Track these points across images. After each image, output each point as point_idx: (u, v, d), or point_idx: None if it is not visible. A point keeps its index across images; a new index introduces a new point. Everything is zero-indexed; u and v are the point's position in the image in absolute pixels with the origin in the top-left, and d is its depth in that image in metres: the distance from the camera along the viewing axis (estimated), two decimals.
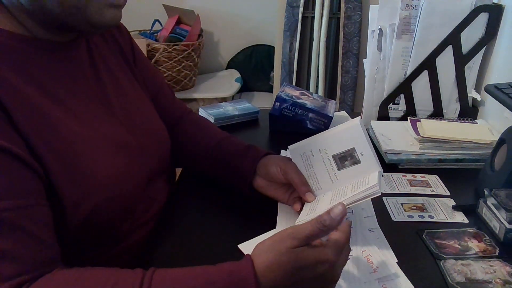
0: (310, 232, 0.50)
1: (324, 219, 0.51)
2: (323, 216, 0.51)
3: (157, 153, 0.75)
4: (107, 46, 0.73)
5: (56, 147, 0.55)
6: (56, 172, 0.54)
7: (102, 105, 0.66)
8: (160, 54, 2.22)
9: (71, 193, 0.56)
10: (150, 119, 0.77)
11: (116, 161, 0.63)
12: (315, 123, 1.04)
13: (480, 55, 1.06)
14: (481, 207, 0.74)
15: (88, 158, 0.59)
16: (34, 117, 0.54)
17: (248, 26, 2.62)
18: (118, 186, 0.62)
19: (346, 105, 2.22)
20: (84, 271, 0.51)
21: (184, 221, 0.75)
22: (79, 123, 0.60)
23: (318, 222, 0.51)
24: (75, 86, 0.63)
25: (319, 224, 0.51)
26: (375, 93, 1.12)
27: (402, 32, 1.05)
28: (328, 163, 0.71)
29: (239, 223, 0.75)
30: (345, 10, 2.07)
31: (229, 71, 2.69)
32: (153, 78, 0.85)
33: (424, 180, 0.87)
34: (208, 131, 0.88)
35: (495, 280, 0.60)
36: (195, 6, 2.44)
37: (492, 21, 1.02)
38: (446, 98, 1.09)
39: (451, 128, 0.97)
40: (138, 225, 0.70)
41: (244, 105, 1.20)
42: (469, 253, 0.66)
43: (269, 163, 0.74)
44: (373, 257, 0.63)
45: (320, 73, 2.15)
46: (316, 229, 0.51)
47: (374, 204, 0.77)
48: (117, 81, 0.72)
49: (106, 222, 0.62)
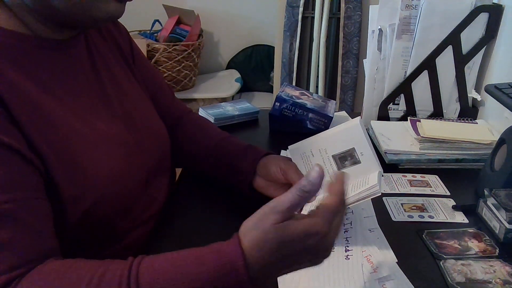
0: (291, 202, 0.47)
1: (303, 185, 0.47)
2: (301, 181, 0.47)
3: (157, 152, 0.75)
4: (106, 45, 0.73)
5: (55, 143, 0.55)
6: (55, 168, 0.55)
7: (101, 104, 0.66)
8: (160, 54, 2.22)
9: (70, 189, 0.56)
10: (149, 118, 0.77)
11: (115, 159, 0.64)
12: (315, 123, 1.04)
13: (480, 55, 1.06)
14: (481, 207, 0.74)
15: (87, 156, 0.59)
16: (34, 114, 0.54)
17: (248, 26, 2.62)
18: (117, 184, 0.63)
19: (346, 105, 2.22)
20: (76, 261, 0.51)
21: (184, 221, 0.75)
22: (78, 121, 0.60)
23: (298, 189, 0.47)
24: (75, 84, 0.63)
25: (298, 191, 0.47)
26: (375, 93, 1.12)
27: (402, 32, 1.05)
28: (328, 163, 0.71)
29: (239, 223, 0.74)
30: (345, 10, 2.07)
31: (229, 71, 2.69)
32: (152, 78, 0.85)
33: (424, 180, 0.87)
34: (208, 131, 0.88)
35: (495, 280, 0.60)
36: (195, 6, 2.44)
37: (492, 21, 1.02)
38: (446, 98, 1.09)
39: (451, 128, 0.97)
40: (137, 224, 0.70)
41: (244, 105, 1.20)
42: (469, 253, 0.66)
43: (269, 163, 0.74)
44: (373, 257, 0.63)
45: (320, 73, 2.15)
46: (297, 197, 0.47)
47: (374, 204, 0.77)
48: (117, 80, 0.72)
49: (104, 220, 0.62)
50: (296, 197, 0.47)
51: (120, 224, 0.66)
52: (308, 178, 0.47)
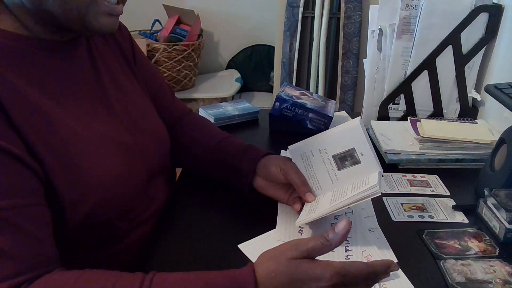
0: (312, 245, 0.50)
1: (327, 234, 0.51)
2: (329, 231, 0.51)
3: (157, 153, 0.75)
4: (107, 46, 0.73)
5: (55, 146, 0.55)
6: (55, 172, 0.54)
7: (102, 105, 0.66)
8: (160, 54, 2.22)
9: (70, 192, 0.56)
10: (150, 119, 0.77)
11: (115, 160, 0.63)
12: (315, 123, 1.04)
13: (480, 55, 1.06)
14: (481, 207, 0.74)
15: (87, 158, 0.59)
16: (33, 117, 0.54)
17: (248, 26, 2.62)
18: (117, 186, 0.63)
19: (346, 105, 2.22)
20: (84, 272, 0.51)
21: (184, 221, 0.75)
22: (78, 123, 0.60)
23: (321, 236, 0.51)
24: (75, 85, 0.63)
25: (322, 238, 0.50)
26: (375, 93, 1.12)
27: (402, 32, 1.05)
28: (328, 163, 0.71)
29: (239, 223, 0.74)
30: (345, 10, 2.07)
31: (229, 71, 2.69)
32: (153, 78, 0.85)
33: (424, 180, 0.87)
34: (208, 131, 0.88)
35: (495, 280, 0.60)
36: (195, 6, 2.44)
37: (492, 21, 1.02)
38: (446, 98, 1.09)
39: (451, 128, 0.97)
40: (138, 224, 0.70)
41: (244, 105, 1.20)
42: (469, 253, 0.66)
43: (269, 163, 0.74)
44: (373, 257, 0.63)
45: (320, 73, 2.15)
46: (319, 243, 0.50)
47: (374, 204, 0.77)
48: (117, 80, 0.72)
49: (105, 221, 0.62)
50: (318, 243, 0.50)
51: (120, 225, 0.65)
52: (335, 229, 0.51)
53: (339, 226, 0.51)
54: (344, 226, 0.51)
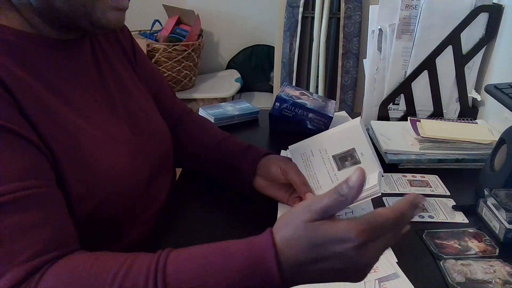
0: (326, 203, 0.44)
1: (342, 188, 0.44)
2: (341, 184, 0.44)
3: (159, 152, 0.76)
4: (110, 45, 0.74)
5: (63, 142, 0.56)
6: (65, 166, 0.55)
7: (105, 103, 0.67)
8: (160, 54, 2.22)
9: (77, 187, 0.56)
10: (152, 118, 0.78)
11: (119, 158, 0.64)
12: (315, 123, 1.04)
13: (480, 55, 1.06)
14: (481, 207, 0.74)
15: (92, 154, 0.59)
16: (41, 111, 0.55)
17: (248, 26, 2.62)
18: (121, 183, 0.63)
19: (346, 105, 2.22)
20: (103, 253, 0.51)
21: (184, 220, 0.75)
22: (83, 120, 0.60)
23: (335, 192, 0.44)
24: (80, 83, 0.63)
25: (336, 193, 0.44)
26: (375, 93, 1.12)
27: (402, 32, 1.05)
28: (328, 163, 0.71)
29: (239, 223, 0.75)
30: (345, 10, 2.07)
31: (229, 71, 2.69)
32: (154, 78, 0.85)
33: (424, 180, 0.87)
34: (209, 131, 0.88)
35: (495, 280, 0.60)
36: (195, 6, 2.44)
37: (492, 21, 1.02)
38: (446, 98, 1.09)
39: (451, 128, 0.97)
40: (139, 223, 0.70)
41: (244, 105, 1.20)
42: (469, 253, 0.66)
43: (269, 163, 0.74)
44: None
45: (320, 73, 2.15)
46: (333, 200, 0.44)
47: (374, 204, 0.77)
48: (120, 80, 0.72)
49: (109, 218, 0.62)
50: (332, 200, 0.44)
51: (122, 223, 0.66)
52: (348, 181, 0.44)
53: (352, 178, 0.43)
54: (358, 177, 0.43)
